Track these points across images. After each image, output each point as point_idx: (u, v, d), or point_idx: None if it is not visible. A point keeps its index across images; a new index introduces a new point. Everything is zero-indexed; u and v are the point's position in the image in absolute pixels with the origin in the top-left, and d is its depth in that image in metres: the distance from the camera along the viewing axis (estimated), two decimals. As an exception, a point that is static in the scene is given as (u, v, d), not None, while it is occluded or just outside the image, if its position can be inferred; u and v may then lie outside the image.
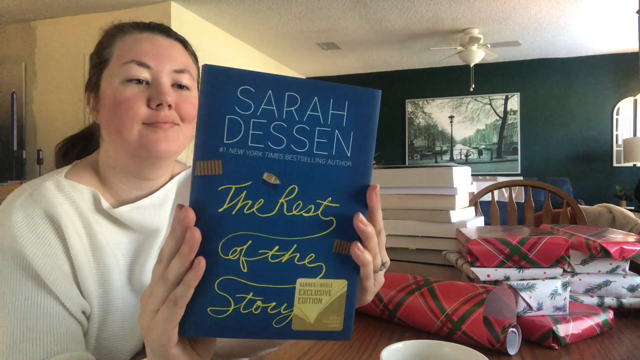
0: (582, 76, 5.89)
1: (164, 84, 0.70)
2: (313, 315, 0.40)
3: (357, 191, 0.40)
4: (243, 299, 0.39)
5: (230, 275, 0.39)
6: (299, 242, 0.39)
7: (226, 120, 0.38)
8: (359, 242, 0.41)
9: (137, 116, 0.68)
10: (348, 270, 0.41)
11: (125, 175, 0.74)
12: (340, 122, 0.40)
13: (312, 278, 0.40)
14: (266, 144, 0.39)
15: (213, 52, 4.70)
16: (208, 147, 0.38)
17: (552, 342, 0.70)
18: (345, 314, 0.40)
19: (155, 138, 0.69)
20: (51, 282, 0.64)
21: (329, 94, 0.40)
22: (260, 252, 0.39)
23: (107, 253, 0.70)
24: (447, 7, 4.25)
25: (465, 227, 0.96)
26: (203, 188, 0.38)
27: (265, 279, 0.39)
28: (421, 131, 6.57)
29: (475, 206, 1.70)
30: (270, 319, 0.39)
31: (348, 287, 0.41)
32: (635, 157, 5.05)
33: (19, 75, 4.59)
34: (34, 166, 4.22)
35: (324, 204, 0.40)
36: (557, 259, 0.77)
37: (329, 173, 0.40)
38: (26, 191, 0.69)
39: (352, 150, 0.40)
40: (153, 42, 0.72)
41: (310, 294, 0.40)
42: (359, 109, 0.40)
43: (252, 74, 0.38)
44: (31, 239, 0.65)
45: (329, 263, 0.40)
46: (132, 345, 0.72)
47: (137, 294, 0.73)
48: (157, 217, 0.76)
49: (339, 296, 0.40)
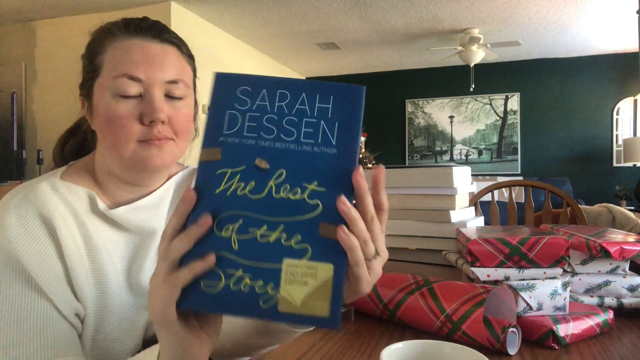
0: (582, 76, 5.89)
1: (156, 99, 0.67)
2: (299, 297, 0.41)
3: (343, 176, 0.43)
4: (233, 275, 0.41)
5: (222, 251, 0.42)
6: (286, 223, 0.42)
7: (226, 115, 0.45)
8: (345, 226, 0.41)
9: (131, 135, 0.67)
10: (334, 255, 0.42)
11: (120, 180, 0.74)
12: (325, 114, 0.44)
13: (298, 259, 0.41)
14: (259, 134, 0.44)
15: (213, 52, 4.70)
16: (210, 137, 0.44)
17: (552, 342, 0.70)
18: (332, 300, 0.40)
19: (150, 155, 0.68)
20: (44, 284, 0.63)
21: (316, 90, 0.45)
22: (250, 230, 0.42)
23: (102, 254, 0.70)
24: (447, 7, 4.25)
25: (465, 227, 0.96)
26: (204, 172, 0.43)
27: (254, 256, 0.42)
28: (421, 131, 6.57)
29: (475, 206, 1.70)
30: (257, 298, 0.41)
31: (335, 272, 0.41)
32: (635, 157, 5.05)
33: (19, 75, 4.59)
34: (34, 166, 4.22)
35: (310, 188, 0.43)
36: (557, 259, 0.77)
37: (315, 159, 0.43)
38: (21, 192, 0.68)
39: (337, 139, 0.44)
40: (144, 51, 0.68)
41: (296, 276, 0.41)
42: (343, 102, 0.45)
43: (250, 77, 0.45)
44: (24, 240, 0.64)
45: (315, 245, 0.42)
46: (130, 346, 0.72)
47: (135, 295, 0.73)
48: (154, 218, 0.76)
49: (325, 280, 0.41)
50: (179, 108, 0.70)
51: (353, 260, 0.42)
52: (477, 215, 1.11)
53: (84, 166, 0.76)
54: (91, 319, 0.68)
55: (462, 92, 6.30)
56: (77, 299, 0.67)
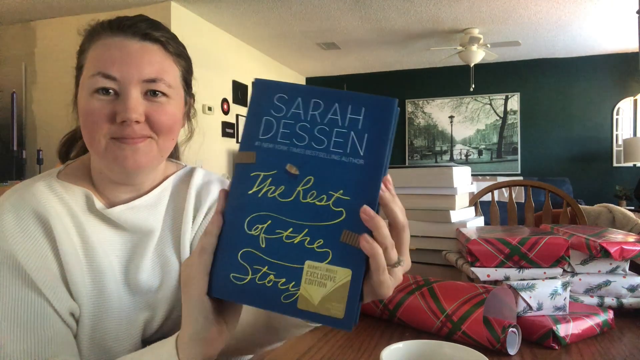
0: (582, 76, 5.89)
1: (130, 98, 0.66)
2: (317, 297, 0.43)
3: (368, 187, 0.44)
4: (259, 270, 0.45)
5: (251, 248, 0.45)
6: (310, 227, 0.44)
7: (263, 120, 0.47)
8: (367, 235, 0.43)
9: (102, 131, 0.66)
10: (354, 261, 0.43)
11: (111, 180, 0.74)
12: (356, 125, 0.46)
13: (319, 262, 0.44)
14: (291, 140, 0.46)
15: (213, 52, 4.71)
16: (247, 141, 0.47)
17: (552, 342, 0.70)
18: (348, 303, 0.42)
19: (123, 154, 0.67)
20: (41, 282, 0.64)
21: (348, 101, 0.46)
22: (277, 231, 0.45)
23: (99, 253, 0.70)
24: (447, 7, 4.25)
25: (465, 227, 0.96)
26: (239, 173, 0.47)
27: (279, 255, 0.45)
28: (421, 131, 6.57)
29: (475, 206, 1.70)
30: (280, 294, 0.44)
31: (352, 277, 0.43)
32: (635, 157, 5.05)
33: (19, 75, 4.59)
34: (34, 166, 4.22)
35: (336, 196, 0.44)
36: (557, 259, 0.77)
37: (342, 168, 0.45)
38: (17, 192, 0.69)
39: (365, 150, 0.45)
40: (121, 49, 0.67)
41: (316, 277, 0.43)
42: (374, 114, 0.45)
43: (288, 85, 0.48)
44: (21, 239, 0.64)
45: (336, 251, 0.44)
46: (129, 345, 0.72)
47: (133, 294, 0.73)
48: (151, 218, 0.76)
49: (342, 284, 0.43)
50: (160, 106, 0.69)
51: (375, 267, 0.43)
52: (477, 215, 1.11)
53: (80, 166, 0.76)
54: (88, 318, 0.68)
55: (462, 92, 6.30)
56: (72, 298, 0.67)
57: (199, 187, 0.82)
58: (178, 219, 0.79)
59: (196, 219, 0.80)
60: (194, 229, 0.80)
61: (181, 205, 0.80)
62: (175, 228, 0.79)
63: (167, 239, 0.78)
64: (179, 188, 0.81)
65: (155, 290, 0.75)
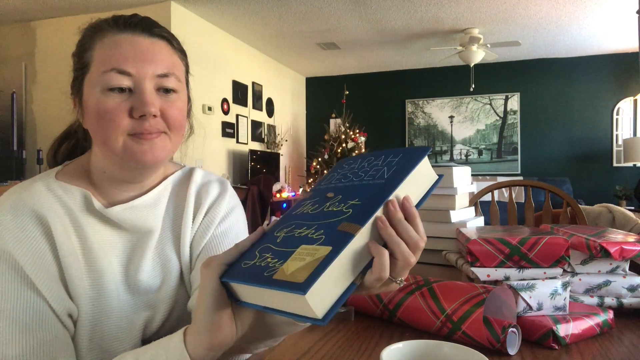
0: (582, 76, 5.89)
1: (146, 92, 0.66)
2: (292, 269, 0.44)
3: (380, 195, 0.49)
4: (264, 257, 0.49)
5: (269, 244, 0.51)
6: (320, 224, 0.49)
7: (330, 174, 0.60)
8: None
9: (121, 128, 0.66)
10: (338, 240, 0.45)
11: (115, 179, 0.73)
12: (390, 163, 0.53)
13: (311, 245, 0.46)
14: (340, 180, 0.56)
15: (213, 52, 4.71)
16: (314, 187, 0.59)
17: (552, 342, 0.70)
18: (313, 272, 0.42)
19: (142, 149, 0.67)
20: (39, 282, 0.64)
21: (393, 152, 0.55)
22: (295, 230, 0.50)
23: (98, 254, 0.70)
24: (447, 7, 4.25)
25: (465, 227, 0.96)
26: (298, 203, 0.57)
27: (284, 245, 0.49)
28: (421, 131, 6.57)
29: (475, 206, 1.70)
30: (265, 269, 0.47)
31: (329, 252, 0.44)
32: (635, 157, 5.05)
33: (19, 75, 4.60)
34: (34, 166, 4.23)
35: (351, 203, 0.50)
36: (557, 259, 0.77)
37: (366, 187, 0.51)
38: (16, 192, 0.69)
39: (389, 175, 0.51)
40: (133, 45, 0.68)
41: (301, 255, 0.45)
42: (407, 155, 0.53)
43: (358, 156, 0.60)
44: (20, 239, 0.64)
45: (329, 235, 0.46)
46: (129, 345, 0.72)
47: (133, 294, 0.73)
48: (150, 217, 0.75)
49: (317, 258, 0.44)
50: (172, 101, 0.70)
51: (377, 267, 0.45)
52: (477, 215, 1.11)
53: (79, 166, 0.76)
54: (87, 319, 0.68)
55: (462, 92, 6.30)
56: (71, 299, 0.67)
57: (198, 187, 0.82)
58: (178, 218, 0.79)
59: (196, 218, 0.80)
60: (194, 228, 0.80)
61: (181, 205, 0.80)
62: (175, 228, 0.79)
63: (167, 239, 0.78)
64: (178, 188, 0.81)
65: (156, 290, 0.75)
